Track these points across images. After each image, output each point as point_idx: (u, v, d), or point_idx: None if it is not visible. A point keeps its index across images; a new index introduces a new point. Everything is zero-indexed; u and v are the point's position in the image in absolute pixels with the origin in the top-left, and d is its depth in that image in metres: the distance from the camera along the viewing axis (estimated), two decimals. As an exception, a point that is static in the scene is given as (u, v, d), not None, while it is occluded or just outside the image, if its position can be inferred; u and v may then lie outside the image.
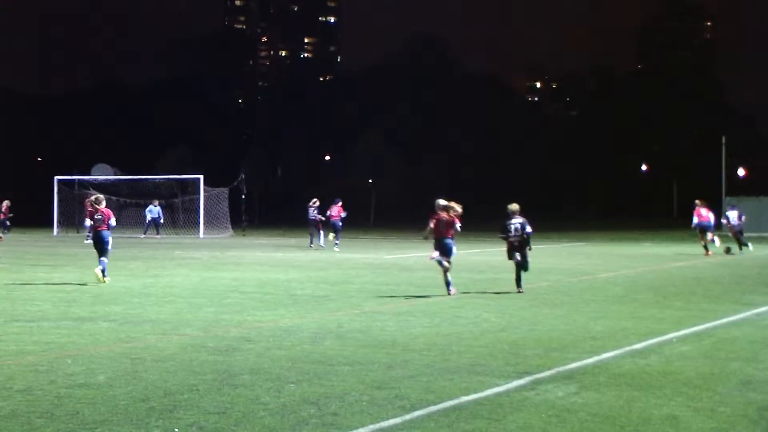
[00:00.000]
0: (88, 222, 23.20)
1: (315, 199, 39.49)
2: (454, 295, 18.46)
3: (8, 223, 47.47)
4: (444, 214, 18.78)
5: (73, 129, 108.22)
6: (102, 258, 21.29)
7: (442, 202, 19.02)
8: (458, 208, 18.89)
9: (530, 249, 19.70)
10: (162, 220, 50.55)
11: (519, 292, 19.00)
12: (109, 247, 21.51)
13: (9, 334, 13.07)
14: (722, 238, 35.80)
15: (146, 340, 12.59)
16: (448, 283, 18.77)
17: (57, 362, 10.79)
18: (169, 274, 23.92)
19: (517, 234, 19.32)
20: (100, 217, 21.52)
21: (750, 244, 34.48)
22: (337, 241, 37.53)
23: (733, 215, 34.34)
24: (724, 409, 8.63)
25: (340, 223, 37.66)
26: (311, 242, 38.70)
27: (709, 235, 33.12)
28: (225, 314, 15.39)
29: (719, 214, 36.18)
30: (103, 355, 11.33)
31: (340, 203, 37.95)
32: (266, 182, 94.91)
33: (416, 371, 10.31)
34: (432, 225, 18.95)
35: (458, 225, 18.91)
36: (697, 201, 34.11)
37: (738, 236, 34.13)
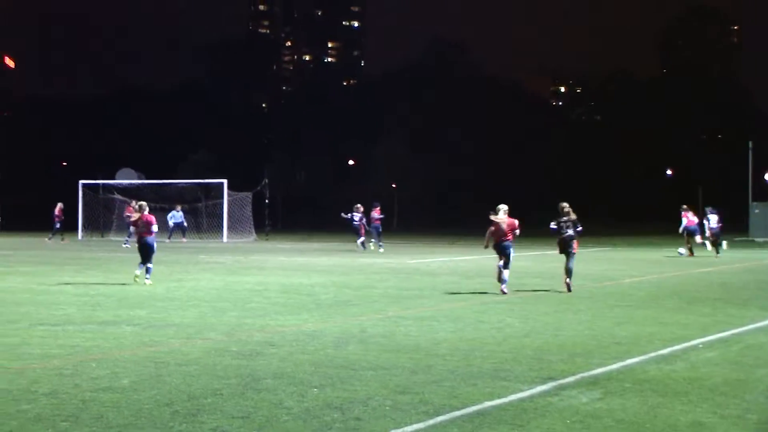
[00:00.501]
0: (132, 228, 23.76)
1: (358, 205, 41.53)
2: (505, 294, 19.65)
3: (58, 225, 48.00)
4: (501, 220, 20.16)
5: (98, 134, 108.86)
6: (148, 264, 22.05)
7: (503, 207, 20.46)
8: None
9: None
10: (183, 223, 50.90)
11: (567, 284, 20.48)
12: (154, 252, 22.27)
13: (34, 337, 13.14)
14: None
15: (170, 344, 12.62)
16: (502, 281, 20.04)
17: (82, 366, 10.84)
18: (192, 279, 23.99)
19: (569, 231, 20.83)
20: (143, 223, 22.25)
21: (724, 243, 37.25)
22: (381, 243, 39.77)
23: (713, 219, 36.40)
24: (751, 416, 8.55)
25: (380, 227, 40.07)
26: (363, 246, 40.47)
27: (698, 239, 35.77)
28: (248, 318, 15.41)
29: (724, 218, 38.28)
30: (128, 358, 11.37)
31: (378, 207, 40.34)
32: (289, 186, 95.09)
33: (440, 376, 10.28)
34: (492, 230, 20.30)
35: (517, 230, 20.36)
36: (684, 206, 36.73)
37: (716, 240, 36.28)
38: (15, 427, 8.03)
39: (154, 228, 22.36)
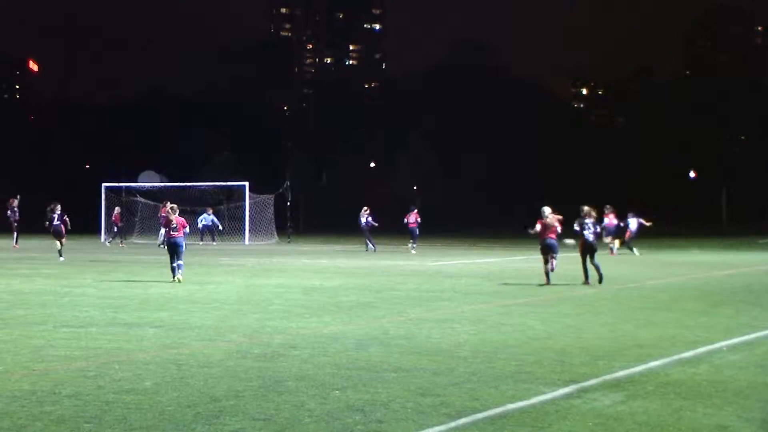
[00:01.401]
0: (162, 229, 24.67)
1: (366, 207, 42.47)
2: (547, 284, 22.48)
3: (115, 229, 48.19)
4: (548, 220, 22.81)
5: (121, 136, 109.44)
6: (179, 261, 23.23)
7: (547, 209, 23.02)
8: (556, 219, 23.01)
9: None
10: (220, 227, 51.30)
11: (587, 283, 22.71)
12: (183, 250, 23.60)
13: (58, 339, 13.22)
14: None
15: (192, 346, 12.67)
16: (546, 274, 22.88)
17: (104, 368, 10.89)
18: (214, 281, 24.07)
19: (590, 232, 23.04)
20: (175, 225, 23.63)
21: (635, 249, 39.20)
22: (414, 245, 41.08)
23: (633, 223, 40.23)
24: (775, 419, 8.48)
25: (417, 231, 41.36)
26: (367, 248, 41.58)
27: (608, 239, 37.48)
28: (270, 321, 15.44)
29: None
30: (150, 360, 11.42)
31: (416, 210, 41.72)
32: (311, 189, 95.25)
33: (461, 378, 10.26)
34: (539, 228, 22.91)
35: (558, 228, 22.85)
36: (608, 206, 39.03)
37: (630, 242, 39.59)
38: (39, 428, 8.09)
39: (186, 229, 24.09)
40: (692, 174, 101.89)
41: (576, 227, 23.17)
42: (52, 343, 12.80)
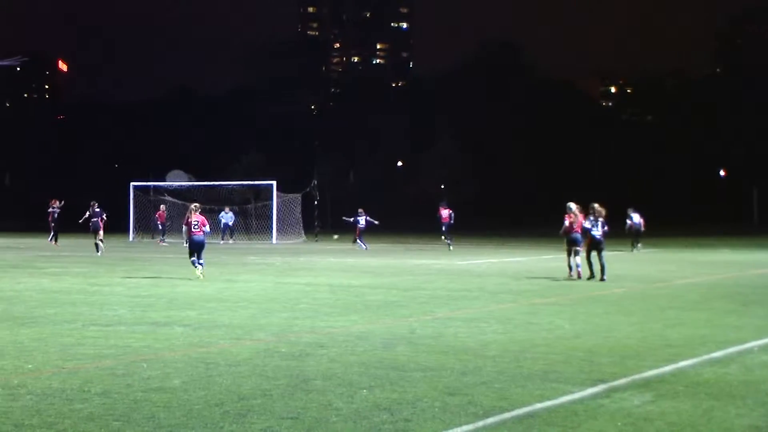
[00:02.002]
0: (185, 227, 25.24)
1: (361, 210, 44.78)
2: (572, 277, 23.87)
3: (161, 227, 48.23)
4: (574, 216, 24.11)
5: (150, 136, 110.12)
6: (199, 259, 24.09)
7: (573, 205, 24.28)
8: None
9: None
10: (231, 224, 51.25)
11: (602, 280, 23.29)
12: (204, 247, 24.51)
13: (87, 338, 13.30)
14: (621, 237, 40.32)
15: (220, 344, 12.70)
16: (570, 267, 24.23)
17: (133, 366, 10.94)
18: (242, 280, 24.15)
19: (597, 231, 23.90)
20: (196, 222, 24.40)
21: (640, 245, 40.63)
22: (449, 241, 42.49)
23: (636, 217, 41.16)
24: (807, 420, 8.38)
25: (445, 227, 42.64)
26: (362, 247, 42.80)
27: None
28: (298, 319, 15.45)
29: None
30: (178, 359, 11.46)
31: (443, 205, 43.46)
32: (339, 188, 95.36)
33: (489, 378, 10.22)
34: (567, 223, 24.22)
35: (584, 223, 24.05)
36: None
37: (637, 235, 40.69)
38: (68, 425, 8.13)
39: (207, 228, 24.72)
40: (722, 172, 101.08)
41: (586, 225, 24.01)
42: (81, 342, 12.88)
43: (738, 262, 32.84)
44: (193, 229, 24.34)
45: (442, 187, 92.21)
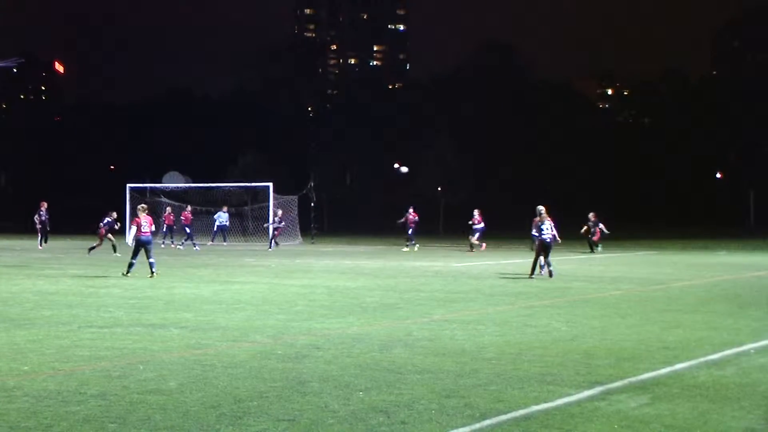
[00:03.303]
0: (133, 227, 25.77)
1: (278, 210, 46.69)
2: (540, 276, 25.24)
3: (188, 230, 45.54)
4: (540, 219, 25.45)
5: (147, 137, 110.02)
6: (149, 258, 25.28)
7: (542, 208, 25.62)
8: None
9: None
10: (226, 225, 50.88)
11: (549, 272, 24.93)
12: (152, 247, 25.62)
13: (83, 339, 13.29)
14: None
15: (216, 347, 12.69)
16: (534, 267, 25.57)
17: (129, 368, 10.93)
18: (238, 282, 24.13)
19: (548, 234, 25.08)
20: (145, 223, 25.48)
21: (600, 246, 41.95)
22: (410, 243, 43.32)
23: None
24: (804, 422, 8.38)
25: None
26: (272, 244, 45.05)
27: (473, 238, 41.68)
28: (294, 322, 15.45)
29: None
30: (175, 361, 11.45)
31: (411, 209, 44.07)
32: (335, 190, 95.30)
33: (486, 380, 10.22)
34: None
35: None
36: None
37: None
38: (64, 427, 8.12)
39: (153, 228, 25.86)
40: (718, 175, 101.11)
41: (533, 231, 25.76)
42: (77, 344, 12.87)
43: (735, 265, 32.87)
44: (141, 230, 25.38)
45: (439, 188, 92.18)
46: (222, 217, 49.98)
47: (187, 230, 45.75)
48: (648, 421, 8.38)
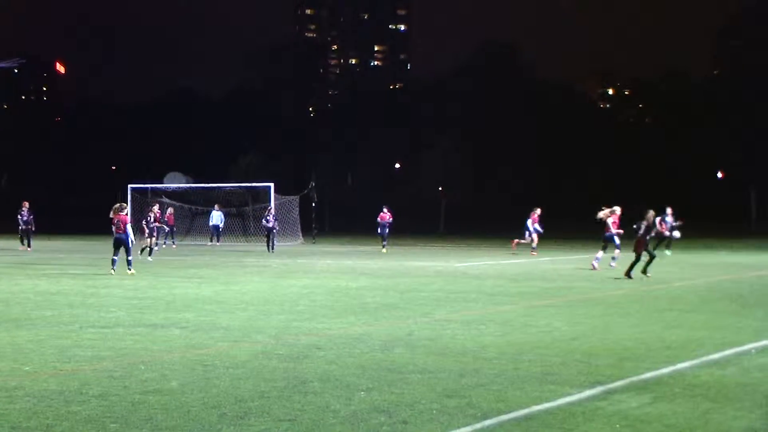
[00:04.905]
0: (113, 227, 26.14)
1: (155, 208, 42.04)
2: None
3: (166, 229, 45.57)
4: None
5: (148, 137, 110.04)
6: (128, 255, 26.21)
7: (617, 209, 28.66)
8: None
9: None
10: (220, 225, 50.60)
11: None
12: (130, 246, 26.41)
13: (85, 340, 13.29)
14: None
15: (218, 347, 12.70)
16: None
17: (131, 368, 10.94)
18: (240, 282, 24.13)
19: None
20: (117, 222, 26.21)
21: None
22: (384, 243, 42.85)
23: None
24: (805, 422, 8.38)
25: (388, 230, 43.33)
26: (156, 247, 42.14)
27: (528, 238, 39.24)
28: (295, 322, 15.45)
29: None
30: (176, 361, 11.45)
31: (386, 208, 43.47)
32: (336, 190, 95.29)
33: (487, 380, 10.22)
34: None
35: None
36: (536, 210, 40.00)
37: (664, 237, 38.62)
38: (66, 428, 8.13)
39: (128, 227, 26.30)
40: (719, 174, 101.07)
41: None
42: (79, 344, 12.88)
43: (736, 264, 32.85)
44: (116, 228, 26.25)
45: (440, 189, 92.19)
46: (215, 217, 49.74)
47: (166, 228, 46.63)
48: (649, 420, 8.38)
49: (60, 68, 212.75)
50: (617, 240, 29.12)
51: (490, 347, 12.58)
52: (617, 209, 29.43)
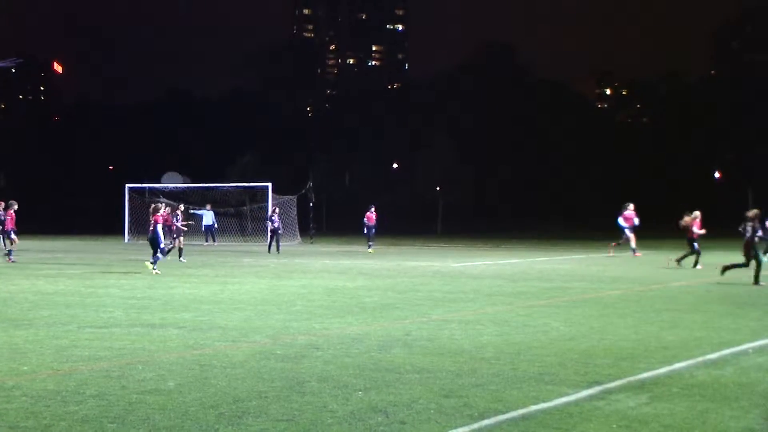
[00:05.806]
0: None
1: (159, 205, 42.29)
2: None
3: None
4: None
5: (145, 137, 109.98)
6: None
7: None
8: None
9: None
10: (212, 224, 50.28)
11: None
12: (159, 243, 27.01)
13: (82, 340, 13.29)
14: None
15: (215, 347, 12.69)
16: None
17: (128, 368, 10.93)
18: (237, 282, 24.14)
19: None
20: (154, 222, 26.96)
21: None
22: (371, 243, 43.10)
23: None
24: (802, 422, 8.39)
25: (372, 229, 43.58)
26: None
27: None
28: (293, 322, 15.45)
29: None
30: (173, 361, 11.45)
31: (372, 208, 43.77)
32: (334, 190, 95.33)
33: (484, 380, 10.23)
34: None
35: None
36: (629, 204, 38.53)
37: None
38: (63, 428, 8.12)
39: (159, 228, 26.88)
40: (717, 175, 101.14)
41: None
42: (76, 344, 12.87)
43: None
44: (151, 228, 26.92)
45: (438, 188, 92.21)
46: (207, 217, 49.50)
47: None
48: (646, 420, 8.39)
49: (57, 68, 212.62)
50: (696, 245, 31.13)
51: (488, 347, 12.59)
52: (698, 213, 32.10)
